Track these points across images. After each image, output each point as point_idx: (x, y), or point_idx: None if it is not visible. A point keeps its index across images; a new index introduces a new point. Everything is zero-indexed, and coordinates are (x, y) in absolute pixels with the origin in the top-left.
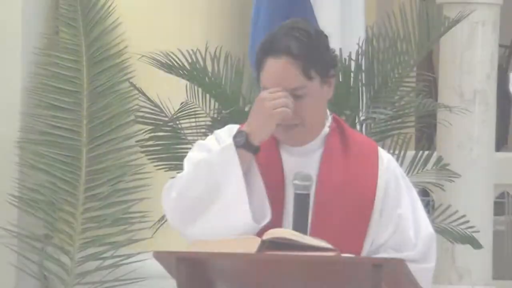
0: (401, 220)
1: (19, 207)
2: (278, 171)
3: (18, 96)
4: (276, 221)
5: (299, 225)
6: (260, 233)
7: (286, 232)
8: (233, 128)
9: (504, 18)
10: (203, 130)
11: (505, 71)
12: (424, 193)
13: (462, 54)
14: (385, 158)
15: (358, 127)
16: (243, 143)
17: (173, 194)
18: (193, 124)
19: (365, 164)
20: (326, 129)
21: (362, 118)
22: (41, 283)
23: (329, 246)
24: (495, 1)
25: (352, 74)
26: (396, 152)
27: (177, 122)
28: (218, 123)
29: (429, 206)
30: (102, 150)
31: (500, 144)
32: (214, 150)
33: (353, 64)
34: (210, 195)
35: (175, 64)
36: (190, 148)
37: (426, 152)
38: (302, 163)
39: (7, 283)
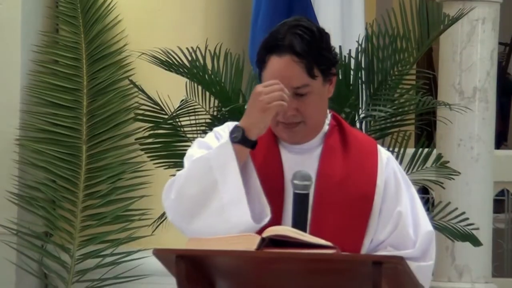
0: (400, 218)
1: (18, 204)
2: (278, 169)
3: (17, 94)
4: (276, 219)
5: (299, 225)
6: (259, 231)
7: (286, 229)
8: (232, 125)
9: (504, 15)
10: (202, 128)
11: (505, 68)
12: (424, 191)
13: (462, 52)
14: (385, 155)
15: (358, 124)
16: (239, 138)
17: (172, 195)
18: (193, 121)
19: (365, 161)
20: (326, 127)
21: (362, 115)
22: (41, 281)
23: (328, 243)
24: None
25: (351, 72)
26: (396, 149)
27: (177, 120)
28: (218, 121)
29: (429, 203)
30: (102, 147)
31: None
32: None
33: (352, 61)
34: (207, 193)
35: (175, 61)
36: (189, 146)
37: (426, 150)
38: (301, 160)
39: (7, 281)
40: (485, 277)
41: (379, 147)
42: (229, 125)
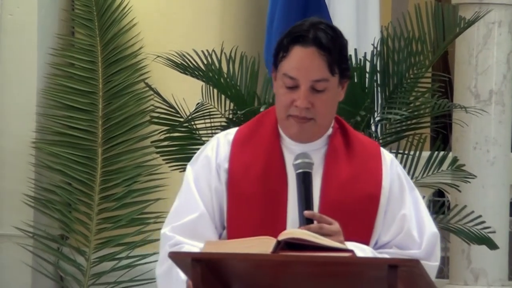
0: (405, 221)
1: (34, 207)
2: (280, 168)
3: (33, 97)
4: (280, 225)
5: (306, 206)
6: (275, 234)
7: (302, 232)
8: (221, 138)
9: None
10: (218, 131)
11: None
12: (439, 194)
13: (478, 55)
14: (388, 158)
15: (373, 127)
16: None
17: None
18: (208, 124)
19: (369, 163)
20: (330, 130)
21: (377, 118)
22: (57, 284)
23: (344, 246)
24: (511, 1)
25: (367, 75)
26: (412, 152)
27: (192, 123)
28: (233, 124)
29: (445, 206)
30: (117, 150)
31: None
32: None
33: (368, 64)
34: None
35: (190, 64)
36: None
37: (442, 153)
38: None
39: (23, 283)
40: (501, 280)
41: (382, 149)
42: (219, 139)
